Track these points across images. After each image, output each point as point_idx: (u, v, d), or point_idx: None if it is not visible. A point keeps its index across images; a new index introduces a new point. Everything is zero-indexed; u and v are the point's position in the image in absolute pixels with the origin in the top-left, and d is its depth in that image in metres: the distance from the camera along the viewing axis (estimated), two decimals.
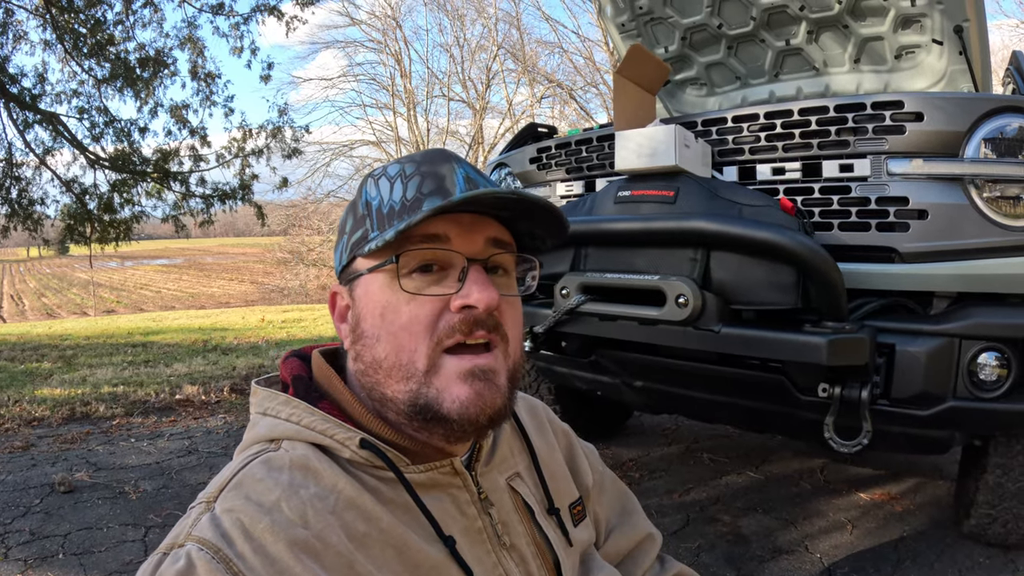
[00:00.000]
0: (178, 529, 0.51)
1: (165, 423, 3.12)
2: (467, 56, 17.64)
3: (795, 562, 1.71)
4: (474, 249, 0.58)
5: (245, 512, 0.50)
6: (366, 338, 0.59)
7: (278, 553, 0.48)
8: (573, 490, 0.73)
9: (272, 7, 6.60)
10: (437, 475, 0.59)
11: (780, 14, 2.38)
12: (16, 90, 6.07)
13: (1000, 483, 1.51)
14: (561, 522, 0.69)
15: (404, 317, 0.57)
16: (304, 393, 0.60)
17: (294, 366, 0.64)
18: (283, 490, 0.51)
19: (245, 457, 0.56)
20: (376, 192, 0.61)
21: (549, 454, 0.74)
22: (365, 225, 0.60)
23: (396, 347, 0.57)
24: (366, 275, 0.59)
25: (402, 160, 0.63)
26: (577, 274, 1.41)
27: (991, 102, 1.21)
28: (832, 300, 1.14)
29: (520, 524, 0.65)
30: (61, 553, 1.80)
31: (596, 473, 0.82)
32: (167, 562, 0.47)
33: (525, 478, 0.68)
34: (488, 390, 0.57)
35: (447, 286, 0.57)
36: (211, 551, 0.47)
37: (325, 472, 0.54)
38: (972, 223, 1.20)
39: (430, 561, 0.55)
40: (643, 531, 0.83)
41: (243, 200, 6.88)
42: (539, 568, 0.64)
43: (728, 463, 2.41)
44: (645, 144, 1.32)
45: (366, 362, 0.59)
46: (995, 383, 1.20)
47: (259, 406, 0.61)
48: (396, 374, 0.57)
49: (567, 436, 0.81)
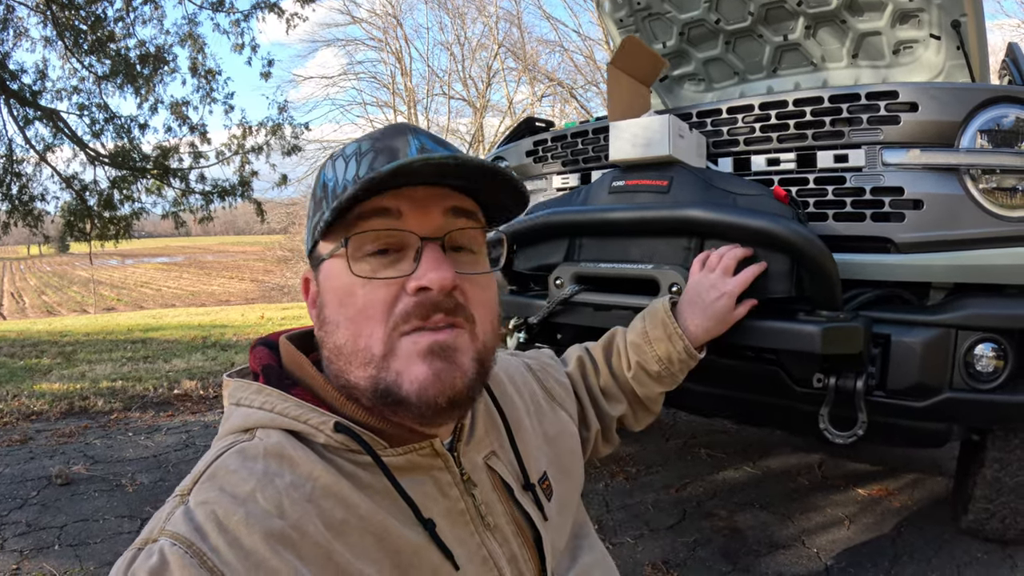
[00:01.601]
0: (152, 524, 0.49)
1: (163, 417, 3.12)
2: (468, 54, 17.65)
3: (792, 557, 1.71)
4: (430, 226, 0.56)
5: (219, 504, 0.48)
6: (328, 324, 0.58)
7: (253, 545, 0.47)
8: (542, 464, 0.73)
9: (272, 4, 6.61)
10: (416, 457, 0.58)
11: (778, 9, 2.38)
12: (16, 86, 6.08)
13: (998, 478, 1.50)
14: (537, 498, 0.69)
15: (360, 302, 0.55)
16: (276, 381, 0.59)
17: (262, 355, 0.62)
18: (257, 480, 0.50)
19: (219, 448, 0.54)
20: (332, 173, 0.59)
21: (521, 423, 0.73)
22: (322, 207, 0.58)
23: (354, 333, 0.55)
24: (327, 260, 0.58)
25: (362, 138, 0.61)
26: (571, 264, 1.41)
27: (987, 92, 1.20)
28: (826, 289, 1.13)
29: (499, 503, 0.64)
30: (57, 544, 1.80)
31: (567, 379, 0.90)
32: (140, 558, 0.46)
33: (500, 456, 0.68)
34: (448, 370, 0.55)
35: (401, 268, 0.55)
36: (184, 545, 0.46)
37: (300, 459, 0.53)
38: (968, 213, 1.20)
39: (411, 546, 0.54)
40: (608, 336, 0.99)
41: (243, 197, 6.89)
42: (520, 546, 0.64)
43: (725, 458, 2.41)
44: (639, 134, 1.32)
45: (329, 348, 0.58)
46: (991, 374, 1.20)
47: (231, 397, 0.59)
48: (356, 360, 0.56)
49: (534, 386, 0.82)
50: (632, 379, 0.94)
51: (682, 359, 0.94)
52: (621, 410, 0.95)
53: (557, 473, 0.75)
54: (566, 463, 0.78)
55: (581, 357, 0.97)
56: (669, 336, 0.93)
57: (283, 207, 18.46)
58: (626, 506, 2.02)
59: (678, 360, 0.93)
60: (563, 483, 0.75)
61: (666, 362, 0.93)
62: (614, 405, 0.94)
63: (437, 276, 0.54)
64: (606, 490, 2.13)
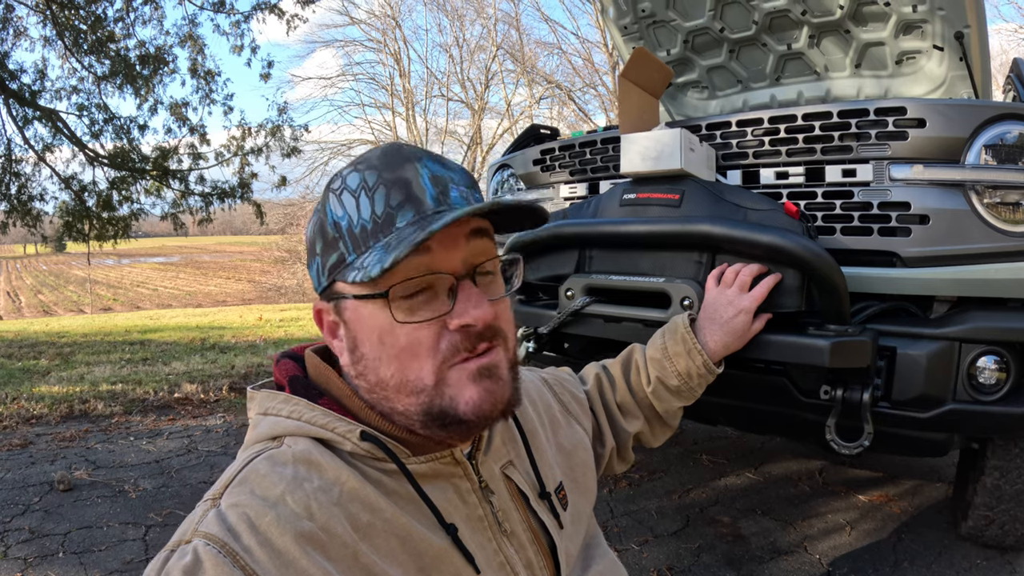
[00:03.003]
0: (185, 526, 0.51)
1: (164, 421, 3.12)
2: (466, 56, 17.67)
3: (794, 563, 1.72)
4: (458, 258, 0.58)
5: (251, 506, 0.50)
6: (367, 360, 0.59)
7: (284, 546, 0.49)
8: (557, 474, 0.75)
9: (273, 5, 6.60)
10: (438, 465, 0.60)
11: (782, 18, 2.40)
12: (16, 86, 6.05)
13: (998, 485, 1.52)
14: (552, 506, 0.71)
15: (402, 341, 0.57)
16: (303, 391, 0.61)
17: (288, 367, 0.64)
18: (287, 484, 0.52)
19: (249, 455, 0.56)
20: (343, 210, 0.58)
21: (536, 436, 0.75)
22: (340, 248, 0.58)
23: (400, 367, 0.57)
24: (353, 300, 0.59)
25: (359, 167, 0.60)
26: (582, 276, 1.42)
27: (992, 109, 1.22)
28: (835, 303, 1.15)
29: (516, 511, 0.66)
30: (61, 552, 1.80)
31: (584, 394, 0.91)
32: (174, 558, 0.47)
33: (517, 465, 0.70)
34: (496, 385, 0.59)
35: (438, 306, 0.57)
36: (217, 545, 0.47)
37: (328, 465, 0.55)
38: (973, 228, 1.22)
39: (433, 549, 0.56)
40: (626, 352, 1.01)
41: (242, 198, 6.88)
42: (536, 553, 0.66)
43: (727, 465, 2.43)
44: (651, 147, 1.33)
45: (371, 382, 0.59)
46: (994, 386, 1.22)
47: (259, 407, 0.61)
48: (404, 390, 0.58)
49: (550, 399, 0.84)
50: (651, 394, 0.97)
51: (701, 374, 0.96)
52: (638, 426, 0.97)
53: (571, 484, 0.77)
54: (579, 476, 0.79)
55: (599, 375, 0.99)
56: (688, 352, 0.96)
57: (281, 208, 18.40)
58: (630, 512, 2.03)
59: (697, 375, 0.96)
60: (576, 495, 0.77)
61: (685, 377, 0.96)
62: (631, 421, 0.96)
63: (480, 314, 0.57)
64: (610, 496, 2.15)
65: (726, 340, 1.00)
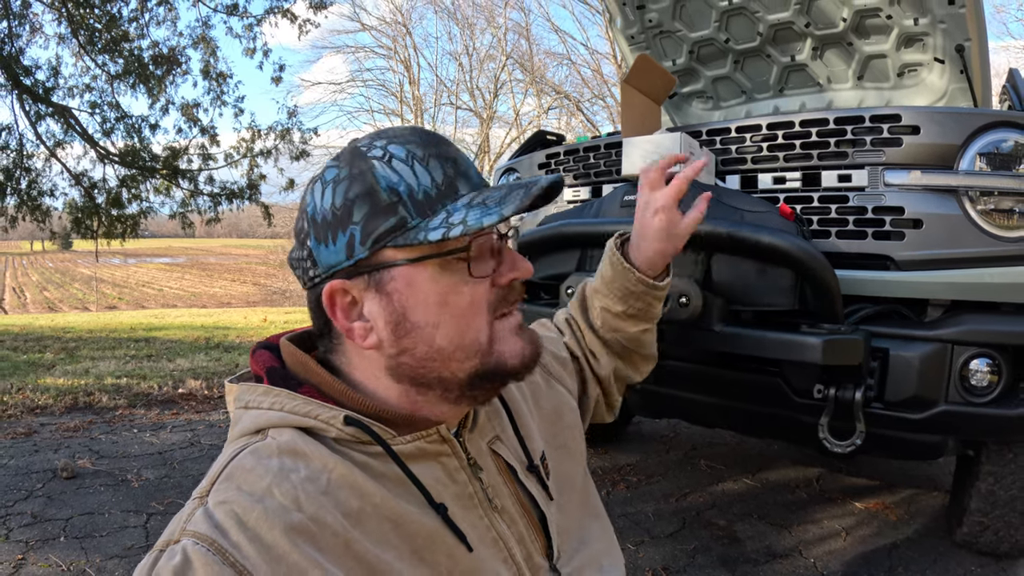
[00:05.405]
0: (173, 526, 0.51)
1: (168, 415, 3.15)
2: (476, 65, 17.81)
3: (789, 566, 1.73)
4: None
5: (238, 502, 0.50)
6: (420, 329, 0.58)
7: (274, 540, 0.48)
8: (539, 443, 0.75)
9: (285, 9, 6.71)
10: (424, 444, 0.60)
11: (786, 30, 2.44)
12: (30, 82, 6.15)
13: (992, 491, 1.54)
14: (541, 478, 0.71)
15: (466, 299, 0.59)
16: (282, 382, 0.60)
17: (265, 358, 0.63)
18: (273, 476, 0.52)
19: (234, 449, 0.56)
20: (397, 176, 0.57)
21: (519, 406, 0.76)
22: (399, 212, 0.57)
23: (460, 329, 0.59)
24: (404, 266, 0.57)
25: (393, 138, 0.60)
26: (583, 274, 1.45)
27: (986, 117, 1.25)
28: (828, 303, 1.18)
29: (505, 486, 0.67)
30: (63, 536, 1.83)
31: (566, 352, 0.92)
32: (163, 559, 0.47)
33: (504, 440, 0.70)
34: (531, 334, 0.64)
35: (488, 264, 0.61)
36: (206, 544, 0.47)
37: (314, 454, 0.54)
38: (966, 233, 1.24)
39: (425, 530, 0.56)
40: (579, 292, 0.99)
41: (250, 200, 6.95)
42: (526, 527, 0.67)
43: (725, 470, 2.44)
44: (651, 150, 1.36)
45: (419, 356, 0.59)
46: (986, 388, 1.24)
47: (239, 401, 0.60)
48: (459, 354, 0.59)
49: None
50: (605, 326, 0.94)
51: (641, 291, 0.91)
52: (612, 364, 0.95)
53: (555, 450, 0.77)
54: (565, 438, 0.79)
55: (568, 320, 0.98)
56: (621, 272, 0.91)
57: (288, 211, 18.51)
58: (627, 514, 2.04)
59: (637, 293, 0.91)
60: (563, 458, 0.77)
61: (627, 298, 0.91)
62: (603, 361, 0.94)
63: (526, 267, 0.63)
64: (607, 498, 2.16)
65: (656, 246, 0.91)
